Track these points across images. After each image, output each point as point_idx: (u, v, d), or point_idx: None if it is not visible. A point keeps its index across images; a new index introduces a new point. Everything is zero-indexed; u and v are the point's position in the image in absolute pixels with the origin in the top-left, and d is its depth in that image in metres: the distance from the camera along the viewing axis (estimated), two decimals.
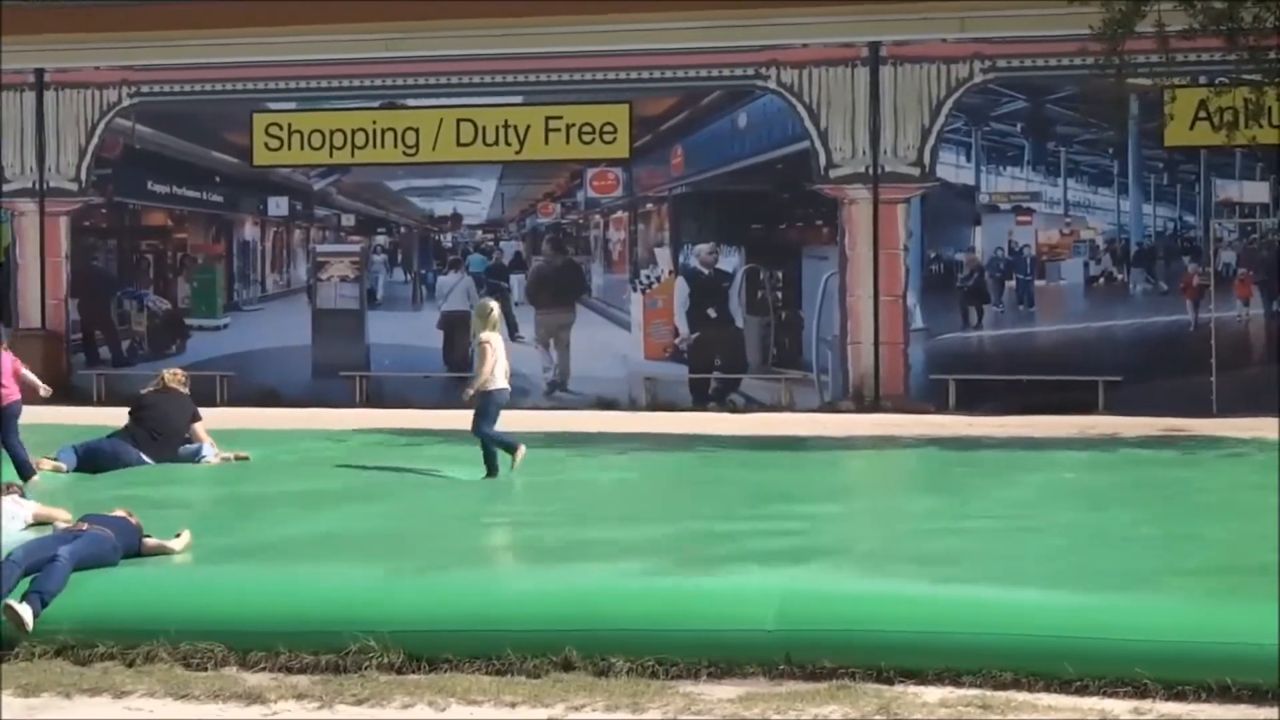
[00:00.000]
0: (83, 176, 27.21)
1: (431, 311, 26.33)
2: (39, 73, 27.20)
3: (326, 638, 9.52)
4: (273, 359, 25.97)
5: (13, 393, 15.81)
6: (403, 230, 26.73)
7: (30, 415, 16.05)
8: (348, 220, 26.87)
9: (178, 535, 11.39)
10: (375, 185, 26.76)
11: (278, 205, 26.96)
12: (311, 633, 9.58)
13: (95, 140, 27.16)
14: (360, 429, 20.54)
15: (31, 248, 27.29)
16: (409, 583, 10.25)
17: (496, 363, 15.93)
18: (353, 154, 26.45)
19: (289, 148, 26.60)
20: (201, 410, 17.67)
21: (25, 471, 15.43)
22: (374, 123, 26.36)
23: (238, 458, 17.17)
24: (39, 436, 18.13)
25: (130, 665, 9.54)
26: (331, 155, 26.53)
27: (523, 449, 16.04)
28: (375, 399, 25.26)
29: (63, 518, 11.79)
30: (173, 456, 16.93)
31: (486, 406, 16.05)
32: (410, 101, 26.31)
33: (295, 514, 13.54)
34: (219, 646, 9.58)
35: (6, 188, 27.32)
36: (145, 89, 27.02)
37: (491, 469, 16.04)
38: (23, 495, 12.73)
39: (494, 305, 16.56)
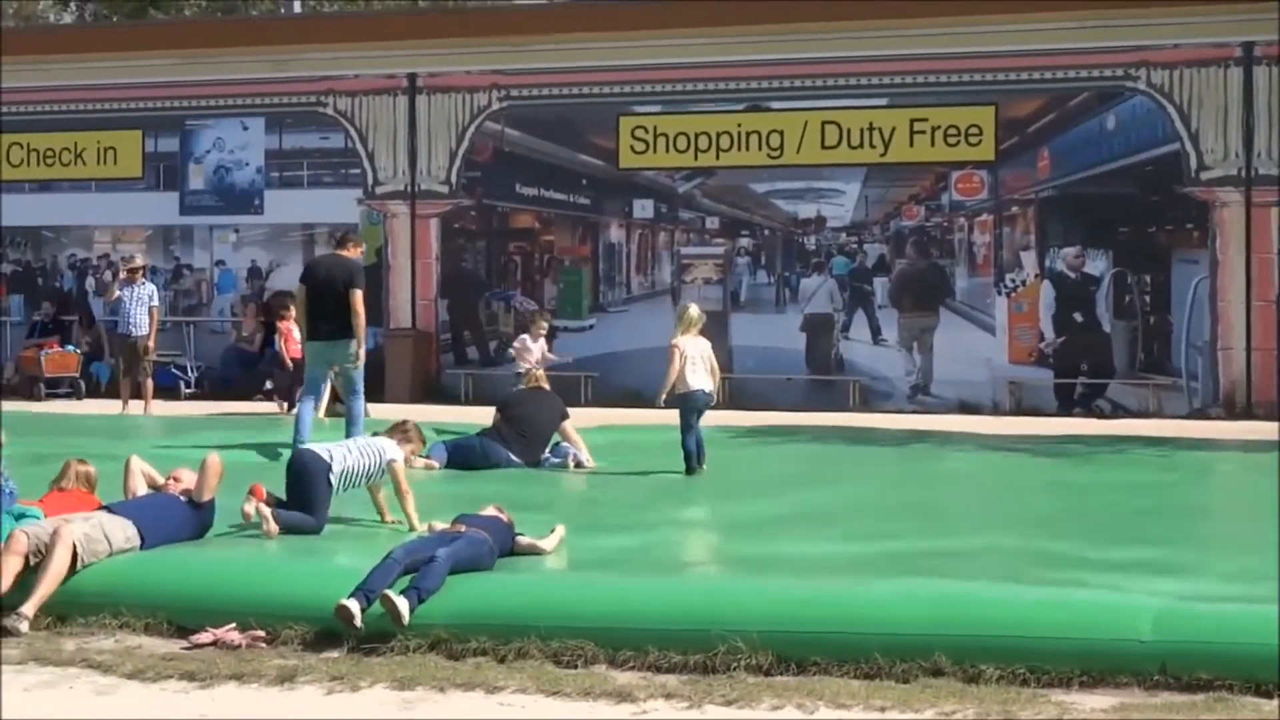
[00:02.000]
0: (453, 179, 27.78)
1: (794, 314, 26.31)
2: (411, 77, 27.82)
3: (696, 638, 9.52)
4: (637, 360, 26.14)
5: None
6: (766, 233, 26.76)
7: (401, 414, 16.39)
8: (712, 223, 27.00)
9: (551, 532, 11.57)
10: (739, 188, 26.84)
11: (643, 208, 27.20)
12: (681, 632, 9.59)
13: (465, 143, 27.69)
14: (724, 428, 20.60)
15: (403, 249, 27.94)
16: (778, 584, 10.21)
17: (687, 365, 16.22)
18: (717, 156, 26.56)
19: (654, 150, 26.82)
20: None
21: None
22: (739, 125, 26.44)
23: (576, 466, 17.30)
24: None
25: (502, 661, 9.65)
26: (696, 158, 26.67)
27: (701, 468, 16.42)
28: (738, 400, 25.33)
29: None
30: (541, 456, 17.15)
31: (682, 410, 16.37)
32: (775, 104, 26.33)
33: (664, 514, 13.64)
34: (589, 644, 9.64)
35: (379, 190, 28.01)
36: (514, 93, 27.47)
37: (689, 467, 16.43)
38: None
39: (693, 308, 16.88)
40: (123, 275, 24.68)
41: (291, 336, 22.65)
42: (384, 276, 27.89)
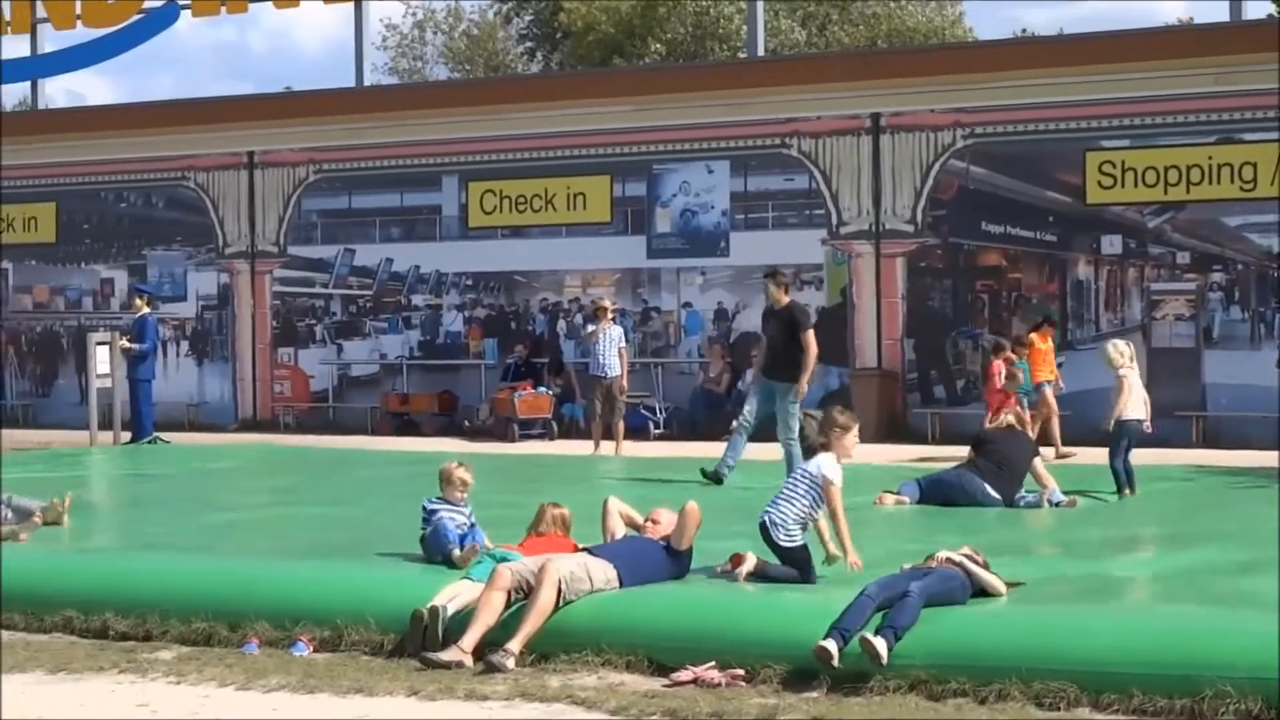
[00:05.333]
0: (918, 217, 27.70)
1: (1270, 350, 25.50)
2: (875, 116, 27.84)
3: (1181, 681, 9.26)
4: (1107, 398, 25.63)
5: None
6: (1239, 267, 26.02)
7: (862, 453, 16.36)
8: (1182, 258, 26.37)
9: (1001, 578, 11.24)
10: (1211, 221, 26.16)
11: (1111, 243, 26.71)
12: (1167, 675, 9.35)
13: (930, 182, 27.60)
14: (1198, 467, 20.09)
15: (868, 288, 27.95)
16: (1266, 626, 9.84)
17: (1132, 394, 17.24)
18: (1188, 190, 25.96)
19: (1122, 185, 26.34)
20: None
21: None
22: (1209, 158, 25.79)
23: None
24: (878, 473, 18.67)
25: (982, 703, 9.53)
26: (1166, 192, 26.10)
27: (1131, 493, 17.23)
28: (1212, 439, 24.61)
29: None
30: (1016, 494, 16.93)
31: (1119, 435, 17.30)
32: (1247, 136, 25.61)
33: (1140, 553, 13.34)
34: (1071, 687, 9.48)
35: (844, 230, 28.08)
36: (978, 130, 27.28)
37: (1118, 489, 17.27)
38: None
39: (1124, 345, 17.77)
40: (602, 322, 25.06)
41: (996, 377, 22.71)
42: (849, 316, 27.96)
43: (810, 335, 18.98)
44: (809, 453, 13.64)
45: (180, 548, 14.06)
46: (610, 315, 25.02)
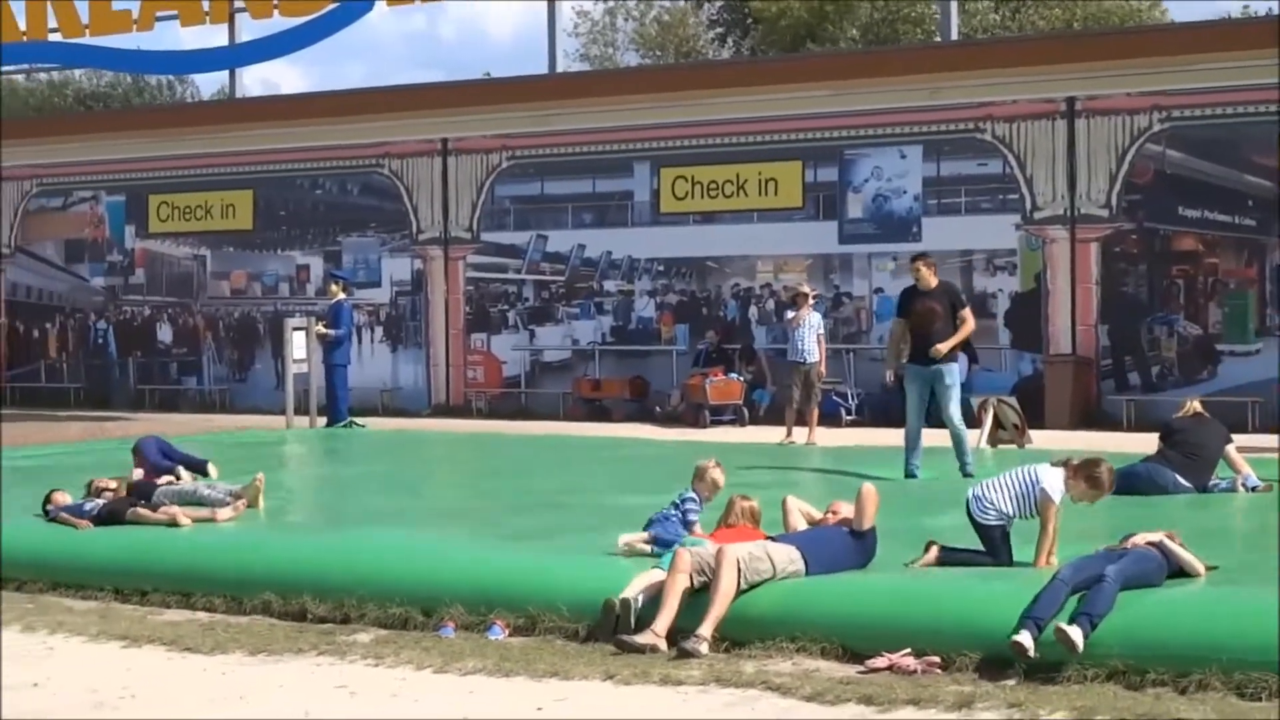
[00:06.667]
0: (1113, 202, 27.35)
1: None
2: (1070, 101, 27.53)
3: None
4: None
5: None
6: None
7: (1061, 441, 16.21)
8: None
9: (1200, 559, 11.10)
10: None
11: None
12: None
13: (1125, 166, 27.23)
14: None
15: (1062, 274, 27.64)
16: None
17: None
18: None
19: None
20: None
21: None
22: None
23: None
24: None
25: (1182, 693, 9.39)
26: None
27: None
28: None
29: None
30: (1209, 481, 16.67)
31: None
32: None
33: None
34: (1274, 677, 9.28)
35: (1038, 215, 27.81)
36: (1175, 113, 26.88)
37: None
38: None
39: None
40: (802, 309, 24.96)
41: None
42: (1042, 302, 27.68)
43: (969, 311, 18.87)
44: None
45: (376, 532, 14.24)
46: (810, 301, 24.97)
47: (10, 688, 10.38)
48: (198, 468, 18.32)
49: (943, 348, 18.32)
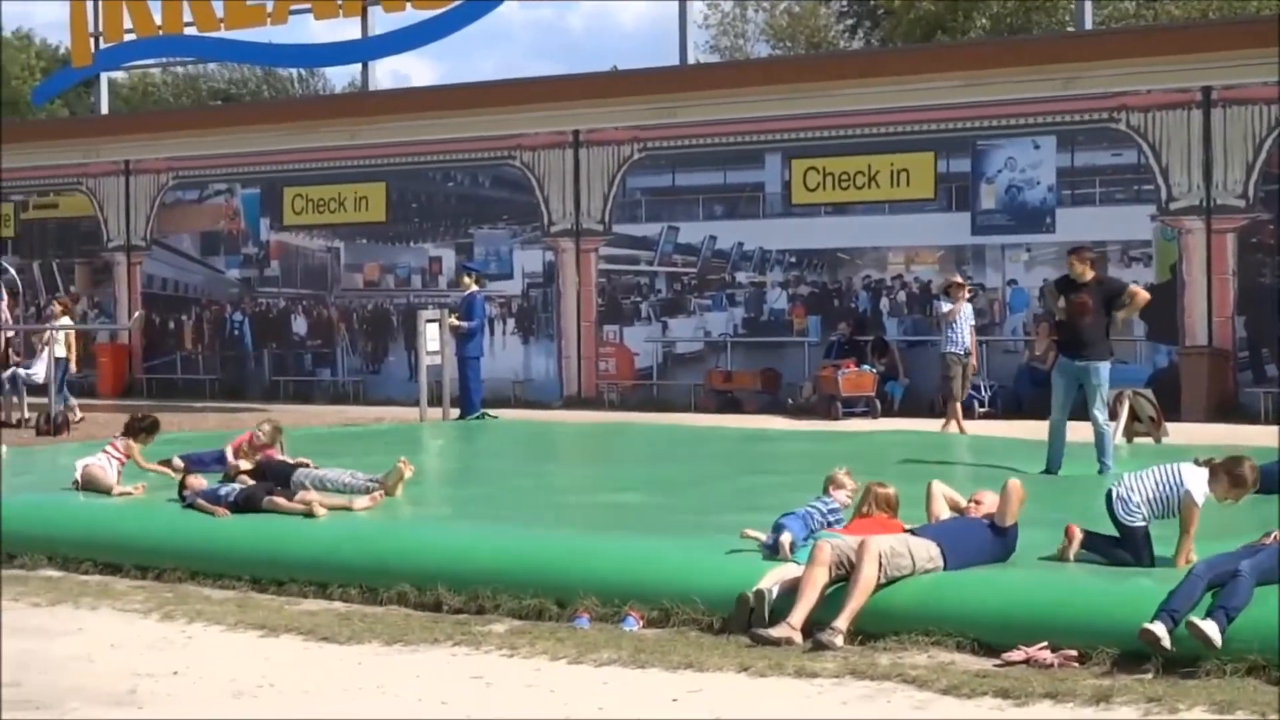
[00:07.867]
0: (1249, 193, 27.02)
1: None
2: (1206, 90, 27.23)
3: None
4: None
5: None
6: None
7: (1198, 434, 16.03)
8: None
9: None
10: None
11: None
12: None
13: (1262, 156, 26.91)
14: None
15: (1198, 265, 27.35)
16: None
17: None
18: None
19: None
20: None
21: None
22: None
23: None
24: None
25: None
26: None
27: None
28: None
29: None
30: None
31: None
32: None
33: None
34: None
35: (1173, 206, 27.53)
36: None
37: None
38: None
39: None
40: (958, 300, 24.90)
41: None
42: (1178, 293, 27.40)
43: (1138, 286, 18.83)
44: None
45: (511, 523, 14.29)
46: (965, 294, 24.91)
47: (151, 675, 10.53)
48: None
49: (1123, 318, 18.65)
